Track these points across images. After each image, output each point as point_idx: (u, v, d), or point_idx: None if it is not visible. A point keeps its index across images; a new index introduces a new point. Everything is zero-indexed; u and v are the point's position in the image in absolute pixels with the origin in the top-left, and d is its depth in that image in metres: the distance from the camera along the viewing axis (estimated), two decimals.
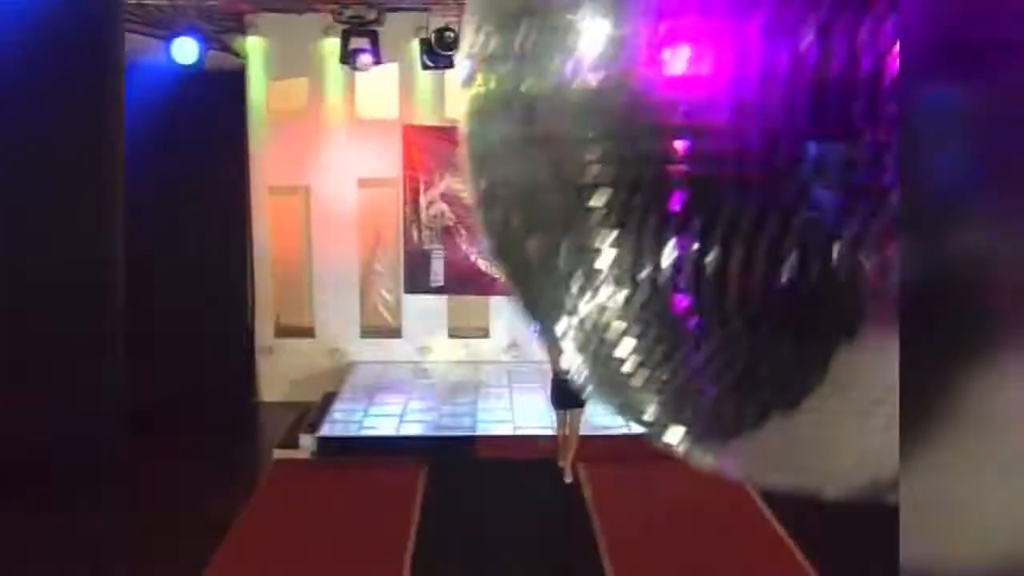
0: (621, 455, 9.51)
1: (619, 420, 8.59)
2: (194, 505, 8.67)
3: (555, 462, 8.82)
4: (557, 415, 8.71)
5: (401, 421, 10.11)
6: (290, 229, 12.60)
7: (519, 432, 9.77)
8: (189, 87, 11.04)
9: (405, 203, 12.12)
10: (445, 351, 12.47)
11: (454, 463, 9.40)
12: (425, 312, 12.39)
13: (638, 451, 9.17)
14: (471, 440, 9.66)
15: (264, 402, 12.21)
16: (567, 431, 8.69)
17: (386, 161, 12.02)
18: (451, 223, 12.14)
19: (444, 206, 12.10)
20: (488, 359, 12.43)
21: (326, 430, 9.82)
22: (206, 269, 11.42)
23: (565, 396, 8.15)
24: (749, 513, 8.27)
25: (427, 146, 11.95)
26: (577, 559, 7.49)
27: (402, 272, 12.33)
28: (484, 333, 12.62)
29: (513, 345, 12.48)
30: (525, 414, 10.26)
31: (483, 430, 9.83)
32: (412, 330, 12.47)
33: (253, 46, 11.74)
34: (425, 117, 11.98)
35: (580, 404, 8.24)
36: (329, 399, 10.83)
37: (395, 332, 12.62)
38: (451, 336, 12.59)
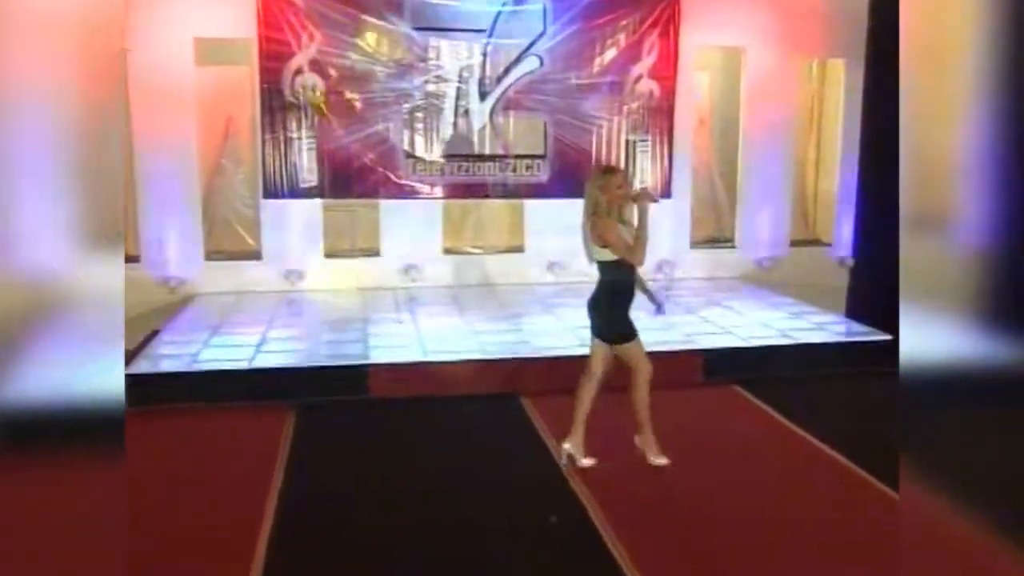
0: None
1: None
2: None
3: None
4: (637, 345, 5.14)
5: (257, 352, 6.91)
6: None
7: (432, 359, 6.72)
8: None
9: (262, 74, 8.91)
10: (321, 276, 9.29)
11: (337, 403, 6.34)
12: (293, 224, 9.20)
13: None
14: (361, 372, 6.55)
15: None
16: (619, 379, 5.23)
17: (235, 16, 8.79)
18: (325, 101, 9.00)
19: (316, 78, 8.96)
20: (380, 285, 9.31)
21: (137, 367, 6.52)
22: None
23: (613, 317, 5.11)
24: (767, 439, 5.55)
25: None
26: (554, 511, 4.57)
27: (260, 171, 9.09)
28: (374, 251, 9.50)
29: (411, 267, 9.40)
30: (438, 339, 7.23)
31: (378, 358, 6.73)
32: (275, 249, 9.24)
33: None
34: None
35: (628, 334, 5.12)
36: (152, 338, 7.54)
37: (252, 253, 9.36)
38: (329, 256, 9.41)
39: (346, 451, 5.64)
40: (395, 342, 7.15)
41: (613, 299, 5.10)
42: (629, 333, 5.14)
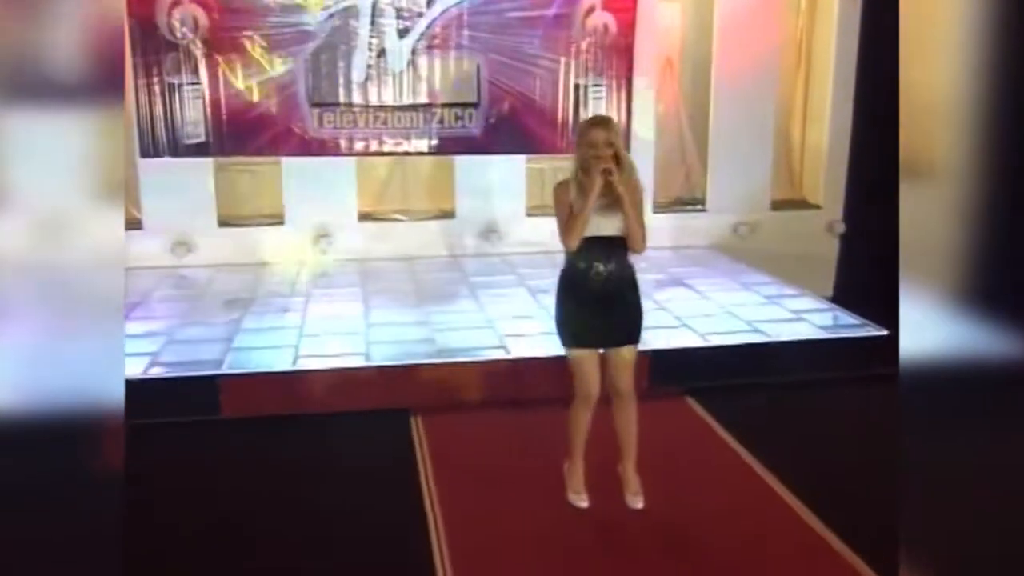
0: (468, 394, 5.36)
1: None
2: None
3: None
4: (577, 360, 3.91)
5: None
6: None
7: (303, 366, 5.31)
8: None
9: (131, 6, 7.39)
10: (214, 248, 7.86)
11: (176, 425, 4.96)
12: (178, 188, 7.73)
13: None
14: (211, 384, 5.15)
15: None
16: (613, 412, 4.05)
17: None
18: (210, 39, 7.51)
19: (198, 10, 7.45)
20: (284, 258, 7.89)
21: None
22: None
23: (598, 315, 3.86)
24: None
25: None
26: None
27: (135, 124, 7.62)
28: (276, 218, 8.05)
29: (324, 235, 7.97)
30: (324, 336, 5.83)
31: (238, 366, 5.32)
32: (158, 218, 7.79)
33: None
34: None
35: (632, 335, 3.95)
36: None
37: (133, 222, 7.92)
38: (223, 224, 7.97)
39: (167, 489, 4.34)
40: (269, 340, 5.75)
41: (562, 289, 3.95)
42: (564, 339, 3.95)
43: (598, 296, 3.82)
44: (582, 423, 3.99)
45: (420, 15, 7.69)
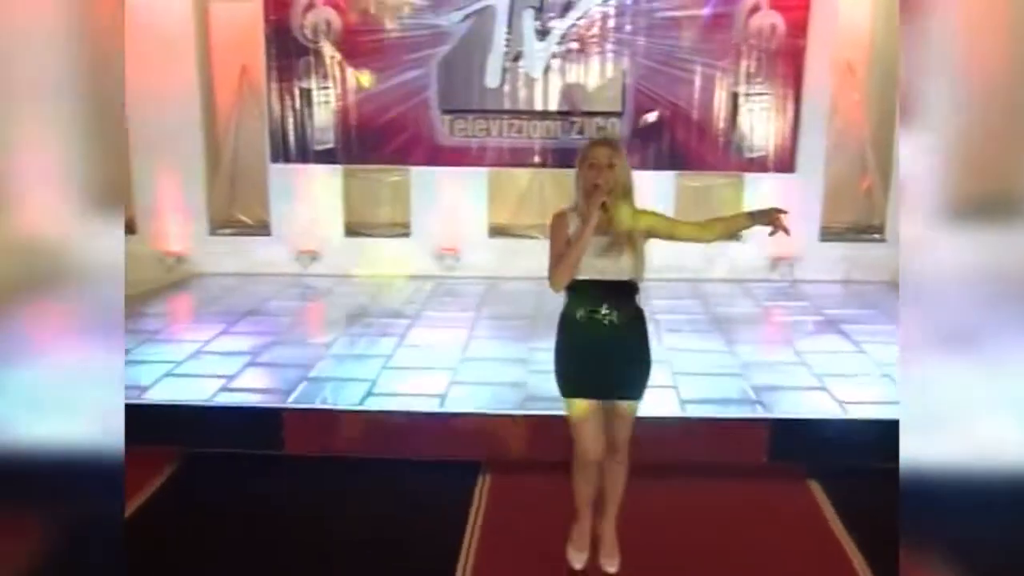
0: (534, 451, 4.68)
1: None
2: None
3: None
4: (575, 415, 3.33)
5: (169, 374, 5.28)
6: None
7: (368, 405, 4.82)
8: None
9: (268, 8, 7.24)
10: (339, 258, 7.61)
11: (238, 456, 4.63)
12: (308, 193, 7.53)
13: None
14: (274, 417, 4.77)
15: None
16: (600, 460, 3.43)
17: None
18: (342, 42, 7.22)
19: (332, 13, 7.18)
20: (408, 272, 7.51)
21: None
22: None
23: (598, 365, 3.29)
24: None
25: None
26: None
27: (266, 128, 7.47)
28: (403, 228, 7.68)
29: (450, 250, 7.53)
30: (410, 371, 5.34)
31: (306, 398, 4.91)
32: (286, 224, 7.62)
33: None
34: None
35: (634, 389, 3.38)
36: None
37: (262, 226, 7.79)
38: (351, 234, 7.70)
39: (211, 520, 4.12)
40: (349, 371, 5.32)
41: (561, 332, 3.38)
42: (560, 388, 3.40)
43: (598, 344, 3.25)
44: (584, 493, 3.46)
45: (562, 15, 7.06)
